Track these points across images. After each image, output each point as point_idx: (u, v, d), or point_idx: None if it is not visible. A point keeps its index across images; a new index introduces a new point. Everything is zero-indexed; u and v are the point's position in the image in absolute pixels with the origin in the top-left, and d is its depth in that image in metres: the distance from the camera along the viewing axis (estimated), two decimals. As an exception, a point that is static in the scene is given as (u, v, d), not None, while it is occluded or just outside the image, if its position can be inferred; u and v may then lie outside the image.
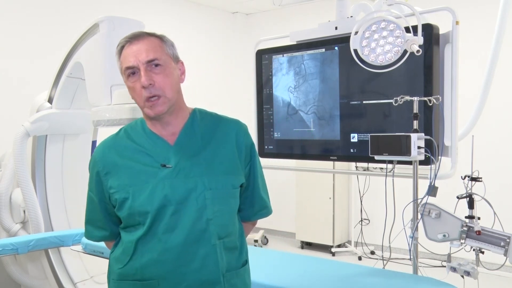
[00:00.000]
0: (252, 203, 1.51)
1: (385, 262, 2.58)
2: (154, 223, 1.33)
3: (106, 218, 1.44)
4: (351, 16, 2.73)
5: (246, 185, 1.47)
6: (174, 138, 1.39)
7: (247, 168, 1.46)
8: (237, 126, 1.47)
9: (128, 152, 1.39)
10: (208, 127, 1.44)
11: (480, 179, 2.15)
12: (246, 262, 1.50)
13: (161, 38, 1.38)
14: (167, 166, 1.36)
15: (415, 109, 2.25)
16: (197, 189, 1.34)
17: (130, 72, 1.33)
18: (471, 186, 2.15)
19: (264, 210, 1.55)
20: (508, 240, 2.01)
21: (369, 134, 2.31)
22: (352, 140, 2.73)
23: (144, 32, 1.37)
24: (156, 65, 1.32)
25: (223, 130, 1.45)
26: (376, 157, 2.30)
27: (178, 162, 1.36)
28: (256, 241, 5.34)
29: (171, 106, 1.35)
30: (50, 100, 3.14)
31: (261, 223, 2.87)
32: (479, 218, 2.11)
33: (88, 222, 1.50)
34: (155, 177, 1.34)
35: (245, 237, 1.52)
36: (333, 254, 5.16)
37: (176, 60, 1.42)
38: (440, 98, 2.26)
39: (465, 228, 2.11)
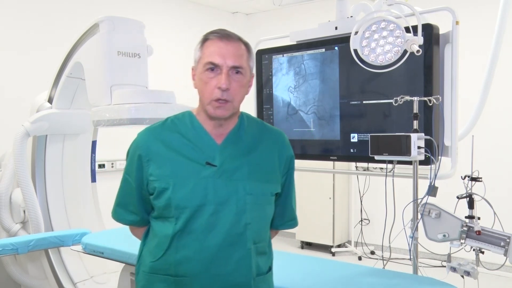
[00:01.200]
0: (283, 212, 1.54)
1: (385, 262, 2.58)
2: (191, 220, 1.33)
3: (140, 203, 1.44)
4: (351, 16, 2.73)
5: (280, 194, 1.50)
6: (221, 138, 1.40)
7: (283, 178, 1.49)
8: (281, 138, 1.50)
9: (174, 143, 1.39)
10: (254, 133, 1.46)
11: (480, 179, 2.15)
12: (270, 268, 1.51)
13: (248, 47, 1.40)
14: (211, 164, 1.36)
15: (415, 109, 2.25)
16: (238, 193, 1.36)
17: (211, 67, 1.33)
18: (471, 186, 2.15)
19: (292, 221, 1.58)
20: (508, 240, 2.01)
21: (369, 134, 2.31)
22: (352, 140, 2.73)
23: (235, 35, 1.38)
24: (237, 72, 1.34)
25: (269, 139, 1.47)
26: (376, 157, 2.30)
27: (223, 162, 1.37)
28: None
29: (233, 113, 1.38)
30: (50, 100, 3.14)
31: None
32: (479, 218, 2.11)
33: (119, 204, 1.50)
34: (198, 174, 1.35)
35: None
36: (333, 254, 5.16)
37: (251, 72, 1.43)
38: (440, 98, 2.26)
39: (465, 228, 2.11)
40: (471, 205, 2.14)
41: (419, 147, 2.18)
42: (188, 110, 1.46)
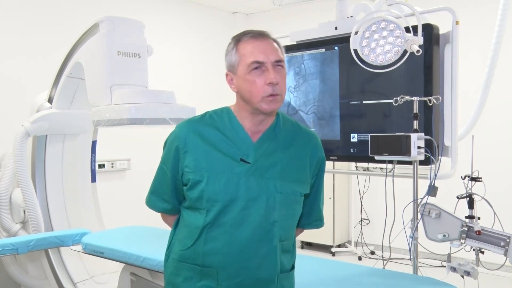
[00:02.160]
0: (310, 212, 1.57)
1: (385, 262, 2.58)
2: (222, 213, 1.37)
3: (173, 193, 1.48)
4: (351, 16, 2.73)
5: (309, 195, 1.52)
6: (257, 136, 1.43)
7: (313, 179, 1.51)
8: (315, 139, 1.52)
9: (211, 137, 1.42)
10: (288, 133, 1.48)
11: (480, 179, 2.15)
12: (293, 266, 1.54)
13: (279, 44, 1.43)
14: (246, 161, 1.39)
15: (415, 109, 2.25)
16: (269, 191, 1.39)
17: (256, 66, 1.36)
18: (471, 186, 2.15)
19: (318, 221, 1.62)
20: (508, 240, 2.01)
21: (369, 134, 2.31)
22: (352, 140, 2.73)
23: (266, 34, 1.42)
24: (279, 66, 1.38)
25: (302, 140, 1.49)
26: (376, 157, 2.30)
27: (257, 160, 1.40)
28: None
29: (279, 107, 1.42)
30: (50, 100, 3.14)
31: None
32: (479, 218, 2.11)
33: (154, 192, 1.53)
34: (232, 169, 1.39)
35: None
36: (333, 254, 5.16)
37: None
38: (440, 98, 2.26)
39: (465, 228, 2.11)
40: (471, 205, 2.14)
41: (419, 147, 2.18)
42: (226, 106, 1.48)
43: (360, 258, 5.01)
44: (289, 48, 2.99)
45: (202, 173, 1.38)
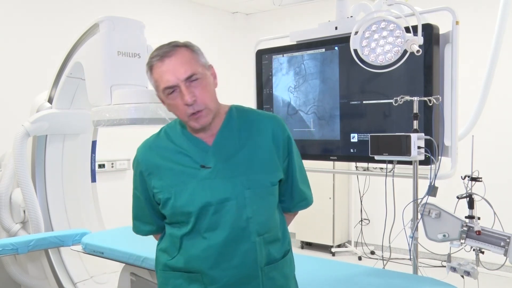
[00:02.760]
0: (292, 195, 1.54)
1: (385, 262, 2.58)
2: (197, 221, 1.38)
3: (152, 214, 1.51)
4: (351, 16, 2.73)
5: (285, 178, 1.50)
6: (212, 138, 1.43)
7: (285, 163, 1.48)
8: (273, 121, 1.47)
9: (169, 153, 1.43)
10: (245, 124, 1.45)
11: (480, 179, 2.15)
12: (289, 251, 1.53)
13: (191, 49, 1.38)
14: (206, 167, 1.40)
15: (415, 109, 2.25)
16: (236, 189, 1.38)
17: (170, 91, 1.34)
18: (471, 186, 2.15)
19: (304, 201, 1.58)
20: (508, 240, 2.01)
21: (369, 134, 2.31)
22: (352, 140, 2.73)
23: (174, 45, 1.35)
24: (195, 79, 1.33)
25: (260, 127, 1.45)
26: (376, 157, 2.30)
27: (217, 162, 1.40)
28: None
29: (213, 115, 1.38)
30: (50, 100, 3.14)
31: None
32: (479, 218, 2.11)
33: (136, 218, 1.57)
34: (195, 177, 1.39)
35: (287, 226, 1.56)
36: (333, 254, 5.16)
37: (208, 66, 1.42)
38: (440, 98, 2.26)
39: (465, 228, 2.11)
40: (471, 205, 2.14)
41: (419, 147, 2.18)
42: (178, 118, 1.46)
43: (360, 258, 5.01)
44: (289, 48, 2.99)
45: (169, 190, 1.39)
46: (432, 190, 2.23)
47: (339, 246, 5.33)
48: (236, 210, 1.37)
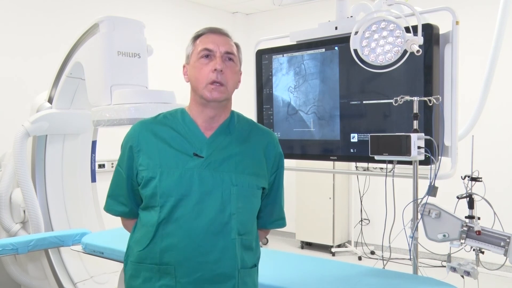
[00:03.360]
0: (272, 211, 1.57)
1: (385, 262, 2.58)
2: (176, 208, 1.37)
3: (130, 195, 1.49)
4: (351, 16, 2.73)
5: (268, 193, 1.53)
6: (210, 133, 1.46)
7: (272, 177, 1.52)
8: (270, 136, 1.55)
9: (164, 135, 1.45)
10: (243, 130, 1.51)
11: (480, 179, 2.15)
12: (256, 265, 1.53)
13: (237, 45, 1.49)
14: (199, 156, 1.41)
15: (415, 109, 2.25)
16: (224, 184, 1.39)
17: (206, 54, 1.41)
18: (471, 186, 2.15)
19: (281, 220, 1.61)
20: (508, 240, 2.01)
21: (369, 134, 2.31)
22: (352, 140, 2.73)
23: (226, 31, 1.48)
24: (230, 59, 1.43)
25: (257, 136, 1.51)
26: (376, 157, 2.30)
27: (211, 154, 1.42)
28: (256, 241, 5.34)
29: (225, 99, 1.44)
30: (50, 100, 3.14)
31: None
32: (479, 218, 2.11)
33: (111, 196, 1.54)
34: (186, 164, 1.40)
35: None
36: (333, 254, 5.16)
37: (240, 67, 1.50)
38: (440, 98, 2.26)
39: (465, 228, 2.11)
40: (471, 205, 2.14)
41: (419, 147, 2.18)
42: (181, 107, 1.51)
43: (360, 258, 5.01)
44: (289, 48, 2.99)
45: (155, 170, 1.39)
46: (432, 190, 2.23)
47: (339, 246, 5.33)
48: (220, 204, 1.38)
